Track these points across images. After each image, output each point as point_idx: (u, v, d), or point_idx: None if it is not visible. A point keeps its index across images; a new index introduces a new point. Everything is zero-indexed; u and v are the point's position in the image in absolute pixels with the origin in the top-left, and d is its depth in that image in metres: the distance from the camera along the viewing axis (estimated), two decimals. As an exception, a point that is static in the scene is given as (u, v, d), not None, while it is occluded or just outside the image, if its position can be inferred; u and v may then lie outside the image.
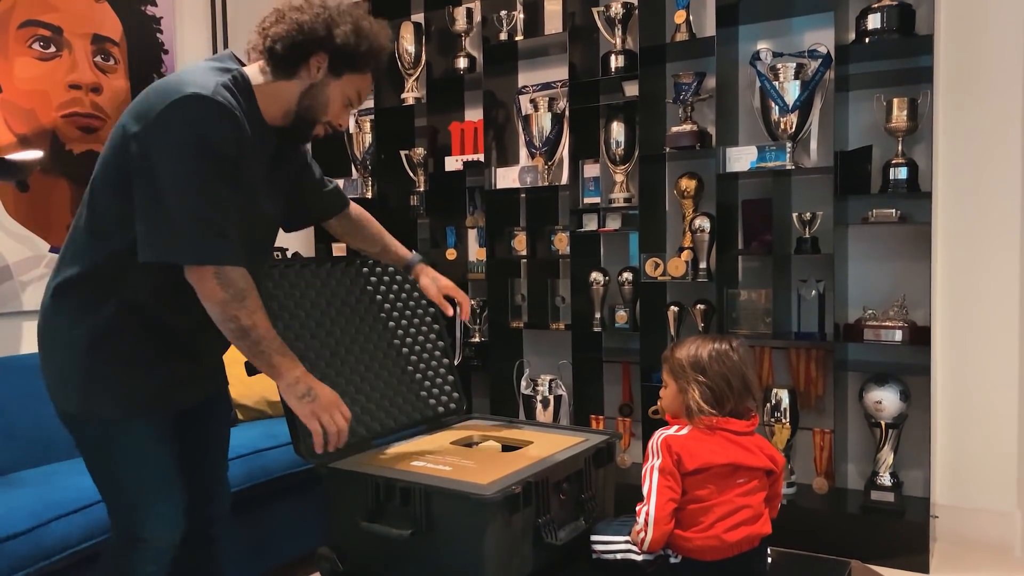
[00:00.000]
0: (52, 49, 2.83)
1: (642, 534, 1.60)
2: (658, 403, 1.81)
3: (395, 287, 2.13)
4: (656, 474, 1.61)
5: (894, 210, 2.76)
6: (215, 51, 3.47)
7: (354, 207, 1.97)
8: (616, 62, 3.18)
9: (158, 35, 3.22)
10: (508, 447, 1.93)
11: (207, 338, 1.62)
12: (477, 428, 2.06)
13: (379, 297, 2.08)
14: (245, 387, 2.85)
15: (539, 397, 3.28)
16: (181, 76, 1.50)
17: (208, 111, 1.43)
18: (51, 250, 2.81)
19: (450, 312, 1.96)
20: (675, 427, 1.67)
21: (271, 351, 1.54)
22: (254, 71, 1.59)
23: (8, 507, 1.95)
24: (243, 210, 1.53)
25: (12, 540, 1.85)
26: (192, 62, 3.35)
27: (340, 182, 2.82)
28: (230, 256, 1.48)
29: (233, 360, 1.78)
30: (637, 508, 1.63)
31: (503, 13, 3.39)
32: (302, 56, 1.56)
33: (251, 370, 1.78)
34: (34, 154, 2.57)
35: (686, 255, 3.04)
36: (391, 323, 2.08)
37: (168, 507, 1.62)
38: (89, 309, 1.55)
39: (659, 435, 1.66)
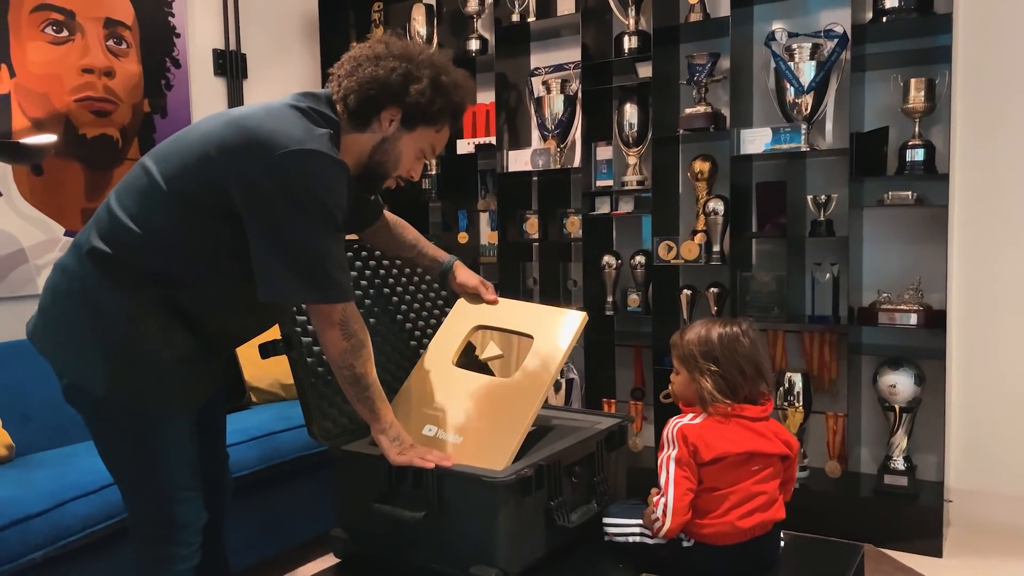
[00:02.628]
0: (65, 33, 2.83)
1: (659, 523, 1.60)
2: (669, 388, 1.79)
3: (407, 271, 2.13)
4: (673, 465, 1.60)
5: (910, 192, 2.73)
6: (226, 36, 3.45)
7: (388, 214, 1.94)
8: (629, 43, 3.15)
9: (170, 19, 3.21)
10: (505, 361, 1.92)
11: (238, 342, 1.71)
12: (478, 317, 1.97)
13: (391, 280, 2.08)
14: (259, 369, 2.86)
15: (551, 380, 3.28)
16: (284, 120, 1.46)
17: (329, 169, 1.44)
18: (66, 234, 2.83)
19: (490, 297, 1.95)
20: (689, 415, 1.66)
21: (375, 398, 1.62)
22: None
23: (27, 488, 1.98)
24: None
25: (31, 520, 1.89)
26: (202, 46, 3.38)
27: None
28: (350, 295, 1.54)
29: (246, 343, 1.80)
30: (655, 498, 1.62)
31: (515, -6, 3.37)
32: (374, 110, 1.54)
33: (264, 353, 1.79)
34: (48, 138, 2.57)
35: (699, 238, 3.03)
36: (403, 306, 2.08)
37: (195, 493, 1.64)
38: (129, 286, 1.49)
39: (674, 424, 1.64)
